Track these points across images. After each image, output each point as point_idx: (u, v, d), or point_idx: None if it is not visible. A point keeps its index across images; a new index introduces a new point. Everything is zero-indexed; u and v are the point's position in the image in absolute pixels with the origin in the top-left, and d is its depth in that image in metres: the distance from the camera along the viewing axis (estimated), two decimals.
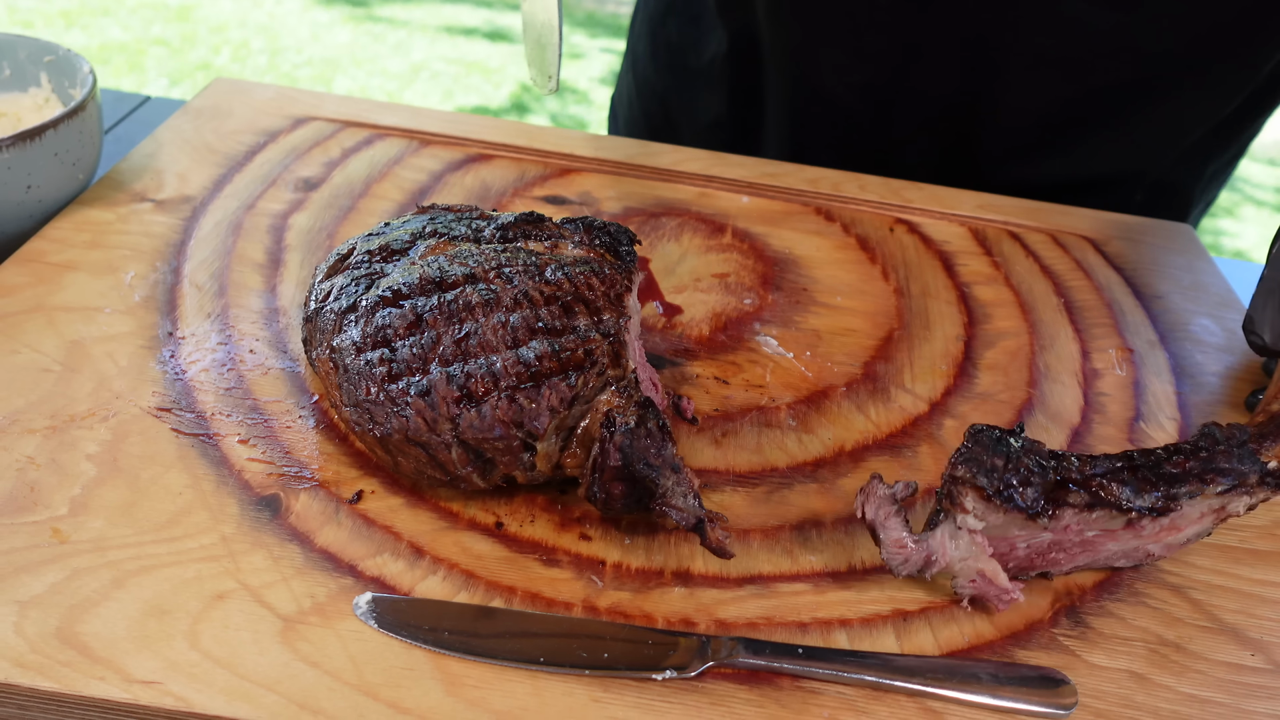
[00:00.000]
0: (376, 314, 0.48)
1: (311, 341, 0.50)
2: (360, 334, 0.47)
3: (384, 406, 0.46)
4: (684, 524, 0.45)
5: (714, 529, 0.45)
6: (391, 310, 0.48)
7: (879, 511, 0.46)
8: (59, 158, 0.61)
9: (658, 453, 0.45)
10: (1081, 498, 0.44)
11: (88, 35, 3.41)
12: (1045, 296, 0.70)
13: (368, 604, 0.43)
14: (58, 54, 0.68)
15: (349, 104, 0.80)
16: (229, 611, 0.42)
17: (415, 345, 0.46)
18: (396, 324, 0.47)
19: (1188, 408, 0.62)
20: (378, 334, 0.47)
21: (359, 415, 0.46)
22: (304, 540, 0.46)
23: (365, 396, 0.46)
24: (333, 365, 0.48)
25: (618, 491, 0.46)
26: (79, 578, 0.43)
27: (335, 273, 0.52)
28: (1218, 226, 3.40)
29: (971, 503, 0.44)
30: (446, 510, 0.48)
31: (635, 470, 0.45)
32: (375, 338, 0.47)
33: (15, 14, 3.48)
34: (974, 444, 0.45)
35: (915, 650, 0.45)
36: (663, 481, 0.45)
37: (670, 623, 0.45)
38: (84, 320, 0.55)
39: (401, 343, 0.47)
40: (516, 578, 0.46)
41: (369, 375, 0.46)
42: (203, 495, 0.47)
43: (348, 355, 0.47)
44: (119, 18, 3.63)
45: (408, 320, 0.47)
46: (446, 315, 0.47)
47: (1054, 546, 0.46)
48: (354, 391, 0.46)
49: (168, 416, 0.51)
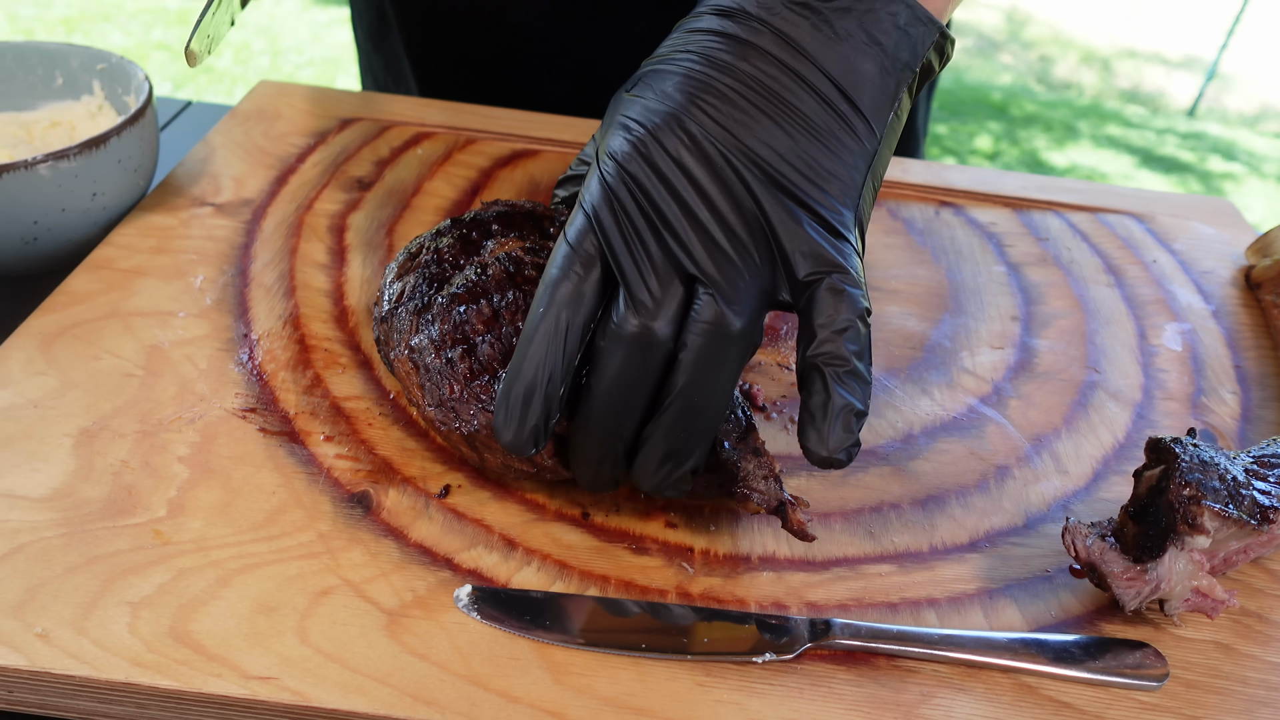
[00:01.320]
0: (452, 311, 0.48)
1: (388, 342, 0.51)
2: (439, 333, 0.48)
3: (468, 404, 0.46)
4: (766, 507, 0.45)
5: (795, 511, 0.46)
6: (467, 307, 0.48)
7: (1094, 549, 0.45)
8: (122, 164, 0.61)
9: (740, 438, 0.46)
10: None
11: (89, 41, 3.41)
12: (1095, 275, 0.71)
13: (469, 596, 0.44)
14: (110, 61, 0.68)
15: (393, 103, 0.80)
16: (334, 607, 0.43)
17: (494, 340, 0.47)
18: (473, 320, 0.48)
19: (1246, 380, 0.63)
20: (455, 331, 0.47)
21: (443, 414, 0.47)
22: (398, 535, 0.46)
23: (449, 395, 0.46)
24: (412, 365, 0.48)
25: (702, 479, 0.46)
26: (185, 578, 0.43)
27: (406, 272, 0.52)
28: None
29: (1209, 522, 0.43)
30: (533, 502, 0.49)
31: (719, 455, 0.46)
32: (453, 335, 0.47)
33: (16, 22, 3.48)
34: (1188, 460, 0.44)
35: (1004, 626, 0.46)
36: (744, 465, 0.46)
37: (763, 606, 0.46)
38: (160, 324, 0.56)
39: (480, 339, 0.47)
40: (609, 566, 0.46)
41: (450, 374, 0.47)
42: (295, 494, 0.48)
43: (427, 355, 0.48)
44: (119, 23, 3.63)
45: (484, 316, 0.48)
46: (524, 310, 0.48)
47: (1247, 550, 0.46)
48: (437, 391, 0.47)
49: (253, 417, 0.51)
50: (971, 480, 0.54)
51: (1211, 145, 3.85)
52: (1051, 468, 0.55)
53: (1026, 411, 0.58)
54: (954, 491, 0.53)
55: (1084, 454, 0.56)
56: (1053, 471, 0.55)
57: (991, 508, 0.52)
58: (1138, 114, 4.12)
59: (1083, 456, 0.56)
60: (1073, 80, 4.40)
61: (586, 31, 0.81)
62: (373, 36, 0.92)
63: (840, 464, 0.40)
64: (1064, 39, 4.78)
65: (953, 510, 0.52)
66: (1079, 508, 0.53)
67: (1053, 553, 0.50)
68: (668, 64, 0.44)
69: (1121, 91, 4.39)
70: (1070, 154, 3.61)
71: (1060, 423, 0.58)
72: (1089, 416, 0.59)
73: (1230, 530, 0.44)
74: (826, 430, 0.40)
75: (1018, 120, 3.81)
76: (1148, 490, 0.46)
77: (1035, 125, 3.79)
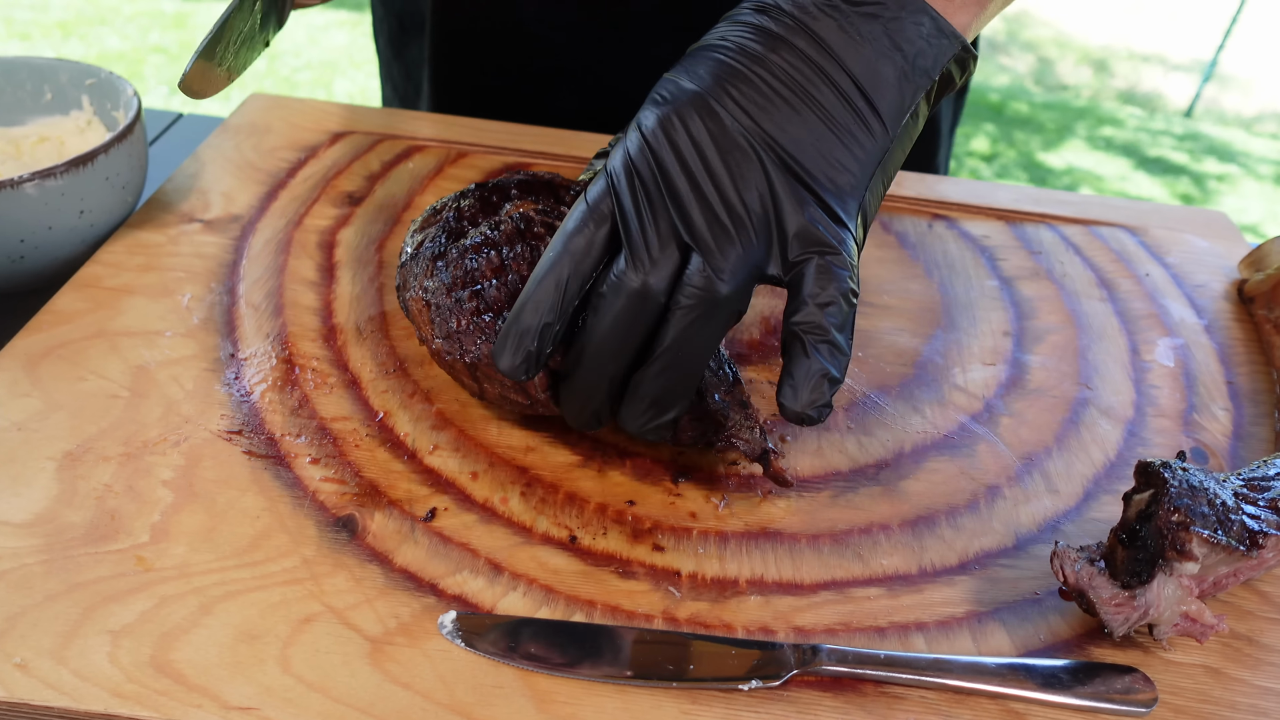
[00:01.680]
0: (465, 259, 0.52)
1: (405, 286, 0.54)
2: (450, 277, 0.51)
3: (473, 335, 0.50)
4: (750, 454, 0.49)
5: (777, 459, 0.50)
6: (478, 256, 0.51)
7: (1082, 575, 0.44)
8: (109, 182, 0.61)
9: (727, 390, 0.49)
10: (1276, 523, 0.44)
11: (85, 45, 3.41)
12: (1087, 289, 0.71)
13: (453, 622, 0.44)
14: (99, 77, 0.68)
15: (383, 116, 0.80)
16: (317, 635, 0.43)
17: (500, 286, 0.51)
18: (483, 268, 0.51)
19: (1239, 397, 0.62)
20: (466, 276, 0.51)
21: (449, 345, 0.50)
22: (383, 560, 0.46)
23: (456, 328, 0.50)
24: (425, 304, 0.52)
25: (690, 425, 0.49)
26: (167, 605, 0.43)
27: (428, 226, 0.56)
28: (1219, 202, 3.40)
29: (1198, 548, 0.43)
30: (520, 525, 0.49)
31: (708, 405, 0.49)
32: (464, 279, 0.51)
33: (12, 25, 3.48)
34: (1177, 485, 0.44)
35: (993, 651, 0.46)
36: (732, 416, 0.49)
37: (750, 631, 0.45)
38: (146, 344, 0.56)
39: (488, 283, 0.51)
40: (595, 591, 0.46)
41: (459, 310, 0.50)
42: (280, 518, 0.47)
43: (439, 295, 0.51)
44: (116, 26, 3.63)
45: (494, 265, 0.51)
46: (529, 262, 0.51)
47: (1237, 573, 0.46)
48: (445, 324, 0.51)
49: (238, 439, 0.51)
50: (962, 500, 0.53)
51: (1208, 146, 3.85)
52: (1042, 487, 0.55)
53: (1018, 429, 0.58)
54: (944, 512, 0.52)
55: (1075, 472, 0.56)
56: (1043, 491, 0.54)
57: (981, 528, 0.52)
58: (1134, 115, 4.12)
59: (1074, 475, 0.55)
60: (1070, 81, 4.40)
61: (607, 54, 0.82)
62: (393, 44, 0.93)
63: (812, 420, 0.44)
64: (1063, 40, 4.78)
65: (942, 531, 0.51)
66: (1069, 528, 0.52)
67: (1042, 574, 0.49)
68: (706, 50, 0.47)
69: (1119, 92, 4.39)
70: (1066, 155, 3.60)
71: (1051, 440, 0.58)
72: (1080, 434, 0.58)
73: (1219, 555, 0.43)
74: (800, 390, 0.43)
75: (1014, 121, 3.81)
76: (1137, 514, 0.45)
77: (1032, 127, 3.79)
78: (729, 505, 0.51)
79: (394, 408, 0.54)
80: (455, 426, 0.54)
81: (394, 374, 0.56)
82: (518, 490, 0.51)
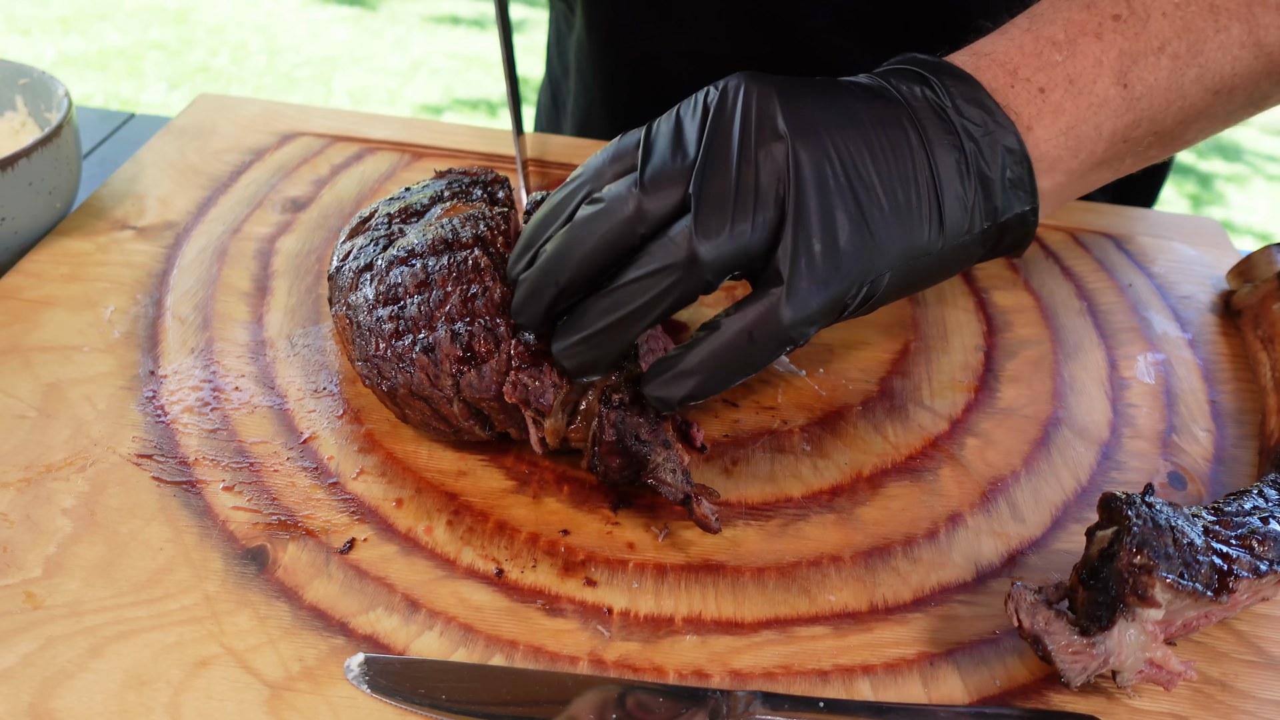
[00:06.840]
0: (390, 273, 0.49)
1: (332, 299, 0.52)
2: (374, 292, 0.49)
3: (391, 362, 0.47)
4: (673, 499, 0.46)
5: (700, 504, 0.46)
6: (403, 269, 0.49)
7: (1038, 620, 0.41)
8: (33, 187, 0.58)
9: (650, 429, 0.46)
10: (1249, 563, 0.41)
11: (86, 40, 3.39)
12: (1067, 301, 0.67)
13: (360, 666, 0.41)
14: (32, 76, 0.65)
15: (337, 117, 0.77)
16: (212, 680, 0.40)
17: (423, 304, 0.48)
18: (407, 282, 0.49)
19: (1221, 417, 0.59)
20: (389, 292, 0.49)
21: (368, 369, 0.48)
22: (292, 596, 0.43)
23: (374, 352, 0.48)
24: (348, 321, 0.50)
25: (615, 464, 0.47)
26: (53, 647, 0.40)
27: (357, 234, 0.54)
28: (1228, 202, 3.35)
29: (1161, 594, 0.39)
30: (443, 558, 0.46)
31: (627, 445, 0.46)
32: (387, 295, 0.49)
33: (13, 21, 3.46)
34: (1140, 524, 0.41)
35: (944, 698, 0.42)
36: (653, 457, 0.46)
37: (682, 675, 0.42)
38: (61, 361, 0.53)
39: (410, 300, 0.48)
40: (518, 630, 0.43)
41: (378, 331, 0.48)
42: (185, 550, 0.44)
43: (361, 312, 0.49)
44: (116, 22, 3.61)
45: (417, 279, 0.49)
46: (455, 276, 0.48)
47: (1208, 615, 0.42)
48: (365, 347, 0.48)
49: (148, 464, 0.48)
50: (921, 529, 0.50)
51: (1216, 145, 3.79)
52: (1007, 515, 0.51)
53: (984, 451, 0.55)
54: (900, 542, 0.49)
55: (1043, 499, 0.52)
56: (1008, 519, 0.51)
57: (940, 560, 0.49)
58: None
59: (1041, 502, 0.52)
60: None
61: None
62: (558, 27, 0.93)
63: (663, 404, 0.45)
64: None
65: (898, 564, 0.48)
66: (1034, 560, 0.49)
67: (1001, 612, 0.46)
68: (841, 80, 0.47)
69: None
70: None
71: (1020, 464, 0.54)
72: (1051, 457, 0.55)
73: (1186, 601, 0.40)
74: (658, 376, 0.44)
75: None
76: (1099, 553, 0.42)
77: None
78: (669, 535, 0.48)
79: (320, 429, 0.51)
80: (384, 449, 0.51)
81: (323, 393, 0.53)
82: (444, 518, 0.48)
